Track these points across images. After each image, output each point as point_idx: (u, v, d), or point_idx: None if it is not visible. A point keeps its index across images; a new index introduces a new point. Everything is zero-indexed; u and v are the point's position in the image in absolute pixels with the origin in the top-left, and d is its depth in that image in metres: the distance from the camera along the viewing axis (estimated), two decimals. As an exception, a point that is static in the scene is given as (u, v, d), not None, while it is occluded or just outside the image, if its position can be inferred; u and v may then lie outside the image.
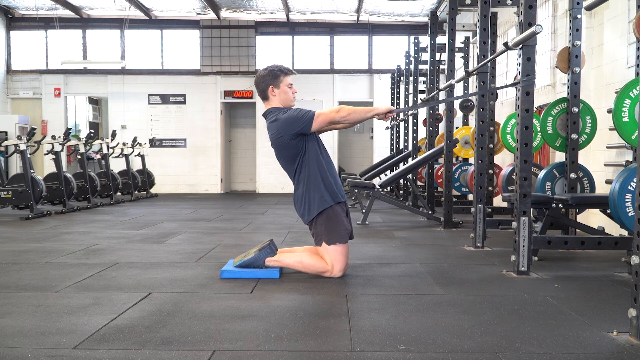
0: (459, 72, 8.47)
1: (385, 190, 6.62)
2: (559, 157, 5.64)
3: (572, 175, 4.28)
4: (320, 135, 3.45)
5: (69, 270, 3.50)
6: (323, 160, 3.31)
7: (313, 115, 3.19)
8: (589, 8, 4.57)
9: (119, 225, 5.92)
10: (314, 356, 1.99)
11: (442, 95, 6.58)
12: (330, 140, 11.71)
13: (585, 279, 3.29)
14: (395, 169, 8.79)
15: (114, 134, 9.42)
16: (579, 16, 4.18)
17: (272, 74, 3.33)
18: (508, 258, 3.59)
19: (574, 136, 4.28)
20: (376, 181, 7.65)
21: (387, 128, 11.20)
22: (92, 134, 8.96)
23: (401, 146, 9.77)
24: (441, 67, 8.16)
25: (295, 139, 3.22)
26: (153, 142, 11.90)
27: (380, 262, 3.83)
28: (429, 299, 2.80)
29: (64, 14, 11.45)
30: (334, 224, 3.24)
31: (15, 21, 11.91)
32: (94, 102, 13.34)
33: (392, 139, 10.81)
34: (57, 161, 7.42)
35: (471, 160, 7.24)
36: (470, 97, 6.82)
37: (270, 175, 11.83)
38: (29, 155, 6.91)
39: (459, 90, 8.17)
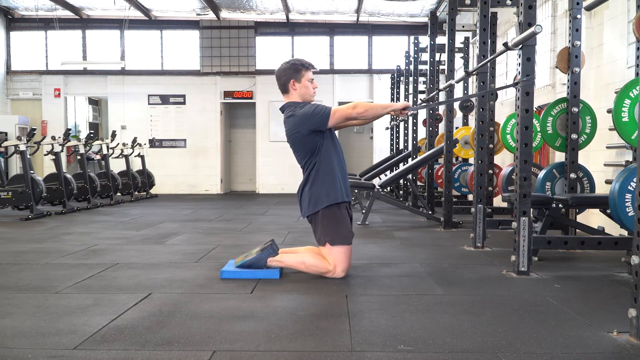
0: (459, 72, 8.47)
1: (385, 190, 6.62)
2: (559, 157, 5.64)
3: (572, 175, 4.28)
4: None
5: (69, 270, 3.50)
6: (337, 158, 3.31)
7: (330, 111, 3.18)
8: (589, 8, 4.58)
9: (119, 226, 5.92)
10: (314, 356, 1.99)
11: (441, 96, 6.58)
12: (330, 141, 11.69)
13: (585, 279, 3.29)
14: (395, 169, 8.78)
15: (113, 135, 9.42)
16: (578, 16, 4.18)
17: (294, 67, 3.31)
18: (508, 258, 3.59)
19: (574, 136, 4.28)
20: (376, 181, 7.65)
21: (387, 128, 11.20)
22: (92, 135, 8.97)
23: (401, 146, 9.77)
24: (441, 67, 8.16)
25: (311, 134, 3.22)
26: (153, 143, 11.90)
27: (380, 262, 3.83)
28: (429, 299, 2.80)
29: (64, 14, 11.46)
30: (339, 224, 3.24)
31: (15, 22, 11.91)
32: (94, 102, 13.35)
33: (392, 139, 10.81)
34: (57, 162, 7.42)
35: (471, 161, 7.24)
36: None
37: (270, 176, 11.83)
38: (28, 156, 6.91)
39: (458, 90, 8.17)
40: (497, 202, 6.98)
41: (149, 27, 11.94)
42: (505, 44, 3.38)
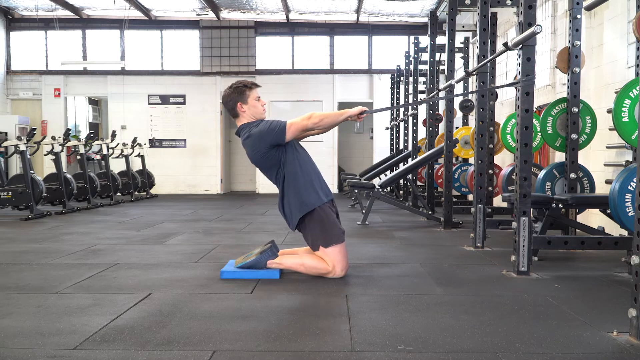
0: (459, 72, 8.47)
1: (385, 190, 6.62)
2: (559, 157, 5.64)
3: (572, 175, 4.28)
4: (319, 136, 3.47)
5: (69, 270, 3.50)
6: (305, 164, 3.33)
7: (285, 125, 3.21)
8: (589, 8, 4.58)
9: (119, 226, 5.92)
10: (314, 356, 1.99)
11: (442, 96, 6.58)
12: (330, 140, 11.72)
13: (585, 279, 3.29)
14: (395, 169, 8.79)
15: (113, 135, 9.42)
16: (578, 16, 4.18)
17: (237, 90, 3.34)
18: (508, 258, 3.59)
19: (574, 136, 4.28)
20: (376, 181, 7.65)
21: (387, 128, 11.20)
22: (92, 135, 8.97)
23: (401, 146, 9.77)
24: (441, 67, 8.16)
25: (272, 150, 3.25)
26: (153, 143, 11.90)
27: (380, 262, 3.83)
28: (429, 299, 2.80)
29: (64, 14, 11.46)
30: (326, 225, 3.26)
31: (15, 22, 11.92)
32: (94, 102, 13.35)
33: (392, 139, 10.81)
34: (57, 162, 7.42)
35: (471, 161, 7.24)
36: (469, 97, 6.82)
37: (270, 176, 11.80)
38: (28, 156, 6.91)
39: (458, 90, 8.17)
40: (497, 202, 6.98)
41: (149, 27, 11.94)
42: (505, 44, 3.38)
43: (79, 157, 8.27)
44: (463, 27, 7.12)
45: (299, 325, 2.33)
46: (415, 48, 8.34)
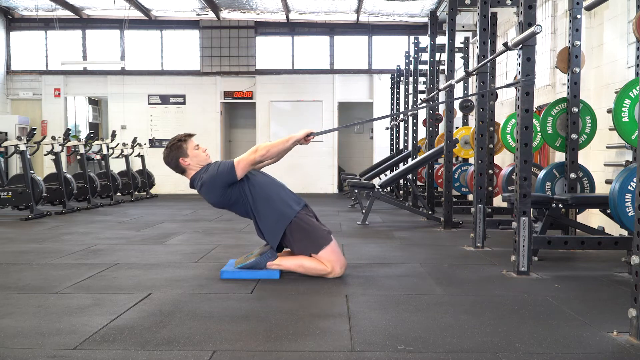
0: (459, 72, 8.47)
1: (385, 190, 6.62)
2: (559, 157, 5.64)
3: (572, 175, 4.28)
4: (318, 136, 3.47)
5: (69, 270, 3.50)
6: (265, 185, 3.33)
7: (232, 165, 3.23)
8: (589, 8, 4.58)
9: (119, 226, 5.92)
10: (314, 356, 1.99)
11: (441, 96, 6.58)
12: (330, 141, 11.72)
13: (585, 279, 3.29)
14: (395, 169, 8.78)
15: (113, 135, 9.42)
16: (578, 16, 4.19)
17: (174, 147, 3.36)
18: (508, 258, 3.59)
19: (574, 136, 4.28)
20: (376, 181, 7.64)
21: (387, 128, 11.21)
22: (92, 135, 8.97)
23: (401, 146, 9.77)
24: (441, 67, 8.16)
25: (229, 189, 3.26)
26: (153, 143, 11.90)
27: (380, 262, 3.83)
28: (429, 299, 2.80)
29: (64, 14, 11.46)
30: (309, 232, 3.26)
31: (15, 22, 11.92)
32: (94, 102, 13.35)
33: (392, 139, 10.81)
34: (57, 162, 7.42)
35: (471, 160, 7.24)
36: (469, 97, 6.82)
37: (270, 176, 11.81)
38: (28, 156, 6.91)
39: (458, 90, 8.17)
40: (497, 202, 6.98)
41: (149, 27, 11.94)
42: (505, 44, 3.38)
43: (79, 157, 8.27)
44: (463, 27, 7.12)
45: (299, 325, 2.33)
46: (415, 48, 8.34)
